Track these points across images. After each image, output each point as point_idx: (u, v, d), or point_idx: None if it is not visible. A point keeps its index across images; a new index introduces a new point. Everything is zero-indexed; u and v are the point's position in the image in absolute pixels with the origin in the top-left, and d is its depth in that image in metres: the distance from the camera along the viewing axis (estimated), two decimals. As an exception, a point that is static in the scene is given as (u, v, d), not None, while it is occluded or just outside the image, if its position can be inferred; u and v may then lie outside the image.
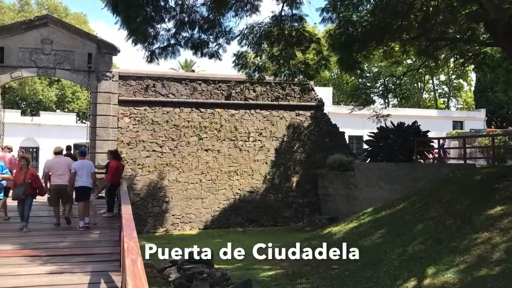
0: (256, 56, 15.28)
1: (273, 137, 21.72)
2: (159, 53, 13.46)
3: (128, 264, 3.50)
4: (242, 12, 13.62)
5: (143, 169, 19.81)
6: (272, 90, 22.00)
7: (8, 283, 6.38)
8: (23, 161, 10.25)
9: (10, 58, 18.20)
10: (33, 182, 10.06)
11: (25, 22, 19.17)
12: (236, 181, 20.93)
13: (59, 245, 9.03)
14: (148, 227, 19.24)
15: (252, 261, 13.95)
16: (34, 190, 10.22)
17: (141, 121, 20.04)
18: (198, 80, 21.41)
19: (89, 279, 6.56)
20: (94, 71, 18.99)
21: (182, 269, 11.26)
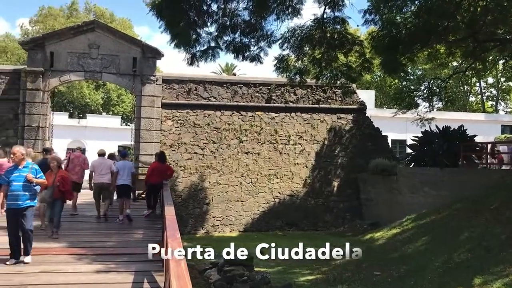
0: (297, 59, 15.24)
1: (313, 141, 21.56)
2: (200, 56, 13.67)
3: (172, 265, 3.55)
4: (283, 16, 13.65)
5: (185, 171, 20.11)
6: (313, 93, 21.86)
7: (57, 280, 6.63)
8: (54, 162, 9.84)
9: (59, 62, 18.91)
10: (60, 185, 9.58)
11: (73, 28, 19.88)
12: (276, 184, 20.91)
13: (104, 244, 9.31)
14: (189, 228, 19.48)
15: (292, 265, 13.91)
16: (63, 193, 9.76)
17: (183, 123, 20.37)
18: (239, 84, 21.55)
19: (133, 279, 6.72)
20: (139, 75, 19.46)
21: (222, 271, 11.32)
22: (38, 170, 7.92)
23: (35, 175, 7.75)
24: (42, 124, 18.53)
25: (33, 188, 7.71)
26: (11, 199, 7.58)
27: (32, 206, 7.75)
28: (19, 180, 7.57)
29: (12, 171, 7.75)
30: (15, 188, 7.57)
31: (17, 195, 7.53)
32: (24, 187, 7.57)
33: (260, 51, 14.29)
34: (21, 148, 8.00)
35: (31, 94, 18.45)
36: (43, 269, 7.13)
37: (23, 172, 7.63)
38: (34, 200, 7.81)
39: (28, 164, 7.83)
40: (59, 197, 9.62)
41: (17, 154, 7.73)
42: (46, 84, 18.65)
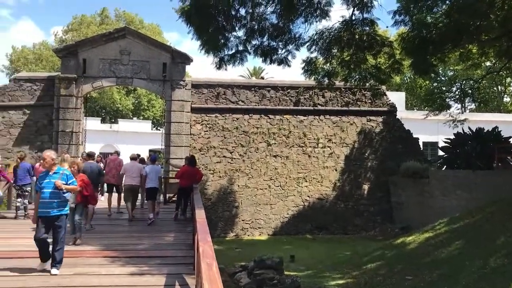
0: (326, 62, 15.15)
1: (343, 144, 21.38)
2: (228, 60, 13.75)
3: (204, 268, 3.58)
4: (311, 18, 13.60)
5: (214, 175, 20.26)
6: (342, 95, 21.70)
7: (91, 282, 6.77)
8: (75, 166, 9.44)
9: (91, 69, 19.39)
10: (83, 190, 9.27)
11: (105, 35, 20.35)
12: (305, 187, 20.82)
13: (136, 247, 9.45)
14: (219, 231, 19.61)
15: (323, 269, 13.82)
16: (85, 198, 9.50)
17: (212, 127, 20.54)
18: (267, 87, 21.59)
19: (165, 281, 6.80)
20: (169, 80, 19.74)
21: (252, 275, 11.35)
22: (69, 175, 7.51)
23: (66, 181, 7.35)
24: (76, 129, 19.00)
25: (63, 195, 7.29)
26: (42, 207, 7.19)
27: (64, 215, 7.36)
28: (49, 187, 7.19)
29: (43, 177, 7.36)
30: (45, 195, 7.18)
31: (47, 202, 7.16)
32: (53, 194, 7.18)
33: (288, 54, 14.27)
34: (51, 152, 7.54)
35: (65, 100, 18.96)
36: (77, 271, 7.29)
37: (53, 178, 7.24)
38: (64, 208, 7.38)
39: (58, 170, 7.41)
40: (81, 201, 9.43)
41: (47, 159, 7.32)
42: (79, 90, 19.13)
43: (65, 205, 7.43)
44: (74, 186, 7.70)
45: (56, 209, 7.19)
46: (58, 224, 7.21)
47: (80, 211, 9.47)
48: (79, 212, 9.41)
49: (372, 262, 13.31)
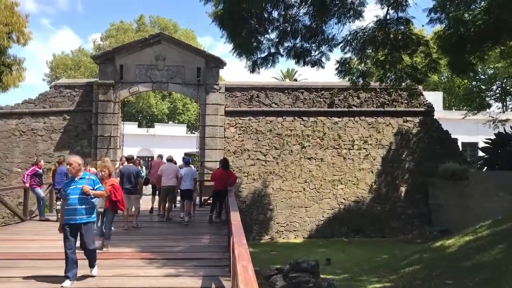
0: (360, 62, 14.95)
1: (379, 145, 21.04)
2: (261, 63, 13.75)
3: (240, 270, 3.59)
4: (345, 19, 13.43)
5: (248, 177, 20.31)
6: (377, 96, 21.36)
7: (130, 283, 6.90)
8: (105, 170, 9.32)
9: (128, 74, 19.82)
10: (112, 195, 9.01)
11: (141, 41, 20.77)
12: (341, 190, 20.59)
13: (173, 249, 9.58)
14: (254, 234, 19.63)
15: (359, 273, 13.61)
16: (114, 203, 9.21)
17: (246, 130, 20.62)
18: (300, 89, 21.51)
19: (201, 283, 6.85)
20: (203, 84, 19.96)
21: (288, 277, 11.28)
22: (96, 181, 7.26)
23: (93, 186, 7.07)
24: (114, 134, 19.46)
25: (91, 201, 7.04)
26: (68, 214, 6.90)
27: (91, 222, 7.13)
28: (75, 193, 6.91)
29: (69, 183, 7.08)
30: (71, 201, 6.89)
31: (73, 209, 6.87)
32: (80, 200, 6.91)
33: (321, 56, 14.15)
34: (77, 158, 7.24)
35: (103, 106, 19.45)
36: (116, 273, 7.44)
37: (79, 184, 6.96)
38: (92, 215, 7.13)
39: (84, 175, 7.15)
40: (110, 207, 9.18)
41: (73, 164, 7.02)
42: (117, 95, 19.59)
43: (93, 212, 7.17)
44: (102, 191, 7.42)
45: (83, 216, 6.94)
46: (85, 231, 6.98)
47: (110, 216, 9.31)
48: (108, 218, 9.28)
49: (410, 266, 13.01)
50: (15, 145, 19.85)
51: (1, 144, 19.81)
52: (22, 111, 20.03)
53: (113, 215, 9.47)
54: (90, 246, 7.04)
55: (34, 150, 19.69)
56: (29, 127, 19.94)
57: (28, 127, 19.95)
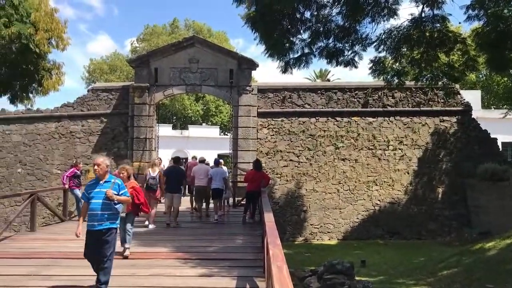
0: (394, 61, 14.69)
1: (415, 145, 20.61)
2: (293, 64, 13.71)
3: (275, 271, 3.58)
4: (379, 18, 13.24)
5: (281, 178, 20.28)
6: (413, 95, 20.94)
7: (166, 283, 7.00)
8: (124, 172, 8.68)
9: (163, 77, 20.15)
10: (135, 198, 8.61)
11: (174, 44, 21.10)
12: (376, 191, 20.28)
13: (206, 249, 9.66)
14: (288, 235, 19.58)
15: (395, 275, 13.37)
16: (137, 207, 8.84)
17: (278, 131, 20.60)
18: (333, 89, 21.32)
19: (235, 283, 6.88)
20: (235, 86, 20.08)
21: (322, 279, 11.18)
22: (121, 185, 6.74)
23: (118, 191, 6.57)
24: (149, 136, 19.82)
25: (114, 207, 6.49)
26: (90, 220, 6.43)
27: (113, 228, 6.51)
28: (99, 197, 6.41)
29: (93, 186, 6.56)
30: (93, 206, 6.41)
31: (95, 214, 6.37)
32: (104, 205, 6.39)
33: (354, 55, 13.98)
34: (105, 158, 6.75)
35: (139, 108, 19.84)
36: (153, 272, 7.57)
37: (104, 187, 6.46)
38: (115, 222, 6.56)
39: (110, 179, 6.64)
40: (133, 210, 8.76)
41: (101, 165, 6.53)
42: (152, 98, 19.95)
43: (116, 218, 6.63)
44: (127, 197, 6.90)
45: (106, 222, 6.39)
46: (106, 239, 6.36)
47: (131, 220, 8.89)
48: (130, 222, 8.84)
49: (448, 269, 12.70)
50: (55, 147, 20.50)
51: (41, 147, 20.50)
52: (61, 115, 20.67)
53: (134, 218, 9.10)
54: (108, 254, 6.36)
55: (73, 152, 20.28)
56: (68, 130, 20.56)
57: (67, 130, 20.57)
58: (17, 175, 20.08)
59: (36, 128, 20.63)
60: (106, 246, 6.35)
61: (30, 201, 12.53)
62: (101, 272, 6.31)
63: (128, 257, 8.48)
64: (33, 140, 20.58)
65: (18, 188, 19.75)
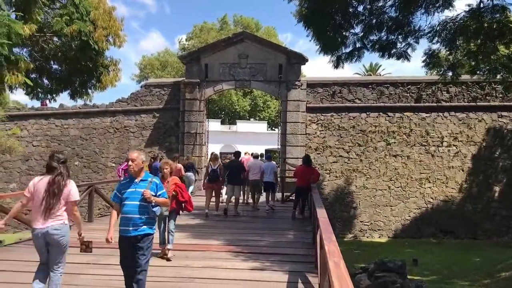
0: (449, 54, 14.17)
1: (470, 142, 19.84)
2: (345, 58, 13.53)
3: (332, 266, 3.58)
4: (433, 9, 12.83)
5: (330, 174, 20.10)
6: (469, 90, 20.13)
7: (219, 275, 7.12)
8: (167, 167, 8.01)
9: (213, 73, 20.42)
10: (178, 195, 8.10)
11: (224, 40, 21.31)
12: (428, 189, 19.70)
13: (258, 243, 9.73)
14: (337, 232, 19.27)
15: (449, 275, 12.98)
16: (180, 204, 8.24)
17: (327, 127, 20.39)
18: (385, 84, 20.84)
19: (287, 278, 6.90)
20: (284, 81, 20.04)
21: (373, 277, 11.03)
22: (159, 185, 5.73)
23: (155, 191, 5.60)
24: (199, 131, 20.17)
25: (152, 210, 5.55)
26: (123, 224, 5.49)
27: (150, 234, 5.58)
28: (134, 199, 5.47)
29: (126, 185, 5.61)
30: (128, 209, 5.47)
31: (129, 218, 5.43)
32: (140, 208, 5.46)
33: (407, 47, 13.62)
34: (140, 153, 5.70)
35: (189, 104, 20.22)
36: (206, 264, 7.71)
37: (140, 187, 5.51)
38: (152, 227, 5.63)
39: (146, 177, 5.67)
40: (176, 208, 8.20)
41: (136, 160, 5.54)
42: (202, 93, 20.27)
43: (153, 223, 5.72)
44: (165, 198, 5.86)
45: (142, 227, 5.47)
46: (141, 246, 5.45)
47: (174, 219, 8.28)
48: (172, 220, 8.23)
49: (507, 271, 12.21)
50: (110, 141, 21.28)
51: (97, 141, 21.33)
52: (116, 110, 21.42)
53: (176, 217, 8.42)
54: (143, 264, 5.48)
55: (127, 146, 20.97)
56: (122, 125, 21.28)
57: (121, 124, 21.29)
58: (74, 168, 20.98)
59: (92, 122, 21.49)
60: (141, 255, 5.46)
61: (88, 193, 13.07)
62: (135, 285, 5.45)
63: (171, 259, 7.98)
64: (89, 134, 21.44)
65: (75, 180, 20.45)
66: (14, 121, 21.59)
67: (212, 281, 6.81)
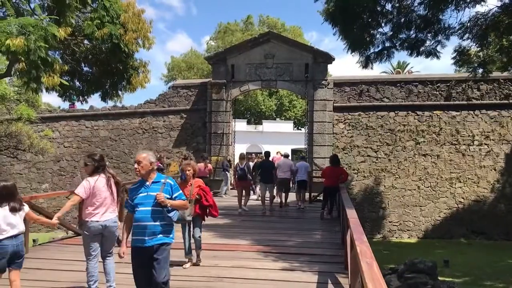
0: (480, 50, 13.86)
1: (502, 140, 19.32)
2: (374, 58, 13.39)
3: (365, 267, 3.57)
4: (463, 5, 12.57)
5: (358, 174, 19.91)
6: (501, 87, 19.61)
7: (248, 275, 7.15)
8: (189, 169, 7.43)
9: (239, 73, 20.50)
10: (202, 198, 7.43)
11: (250, 40, 21.37)
12: (459, 188, 19.29)
13: (285, 243, 9.73)
14: (365, 232, 19.03)
15: (482, 277, 12.71)
16: (204, 209, 7.53)
17: (355, 126, 20.20)
18: (413, 82, 20.49)
19: (317, 279, 6.89)
20: (311, 80, 19.95)
21: (403, 278, 10.88)
22: (174, 186, 5.10)
23: (170, 194, 5.01)
24: (226, 131, 20.29)
25: (167, 216, 4.92)
26: (136, 233, 4.88)
27: (168, 244, 4.96)
28: (147, 204, 4.88)
29: (137, 189, 5.01)
30: (140, 216, 4.87)
31: (143, 226, 4.82)
32: (154, 214, 4.86)
33: (437, 45, 13.38)
34: (148, 153, 5.04)
35: (216, 104, 20.36)
36: (234, 264, 7.76)
37: (152, 190, 4.92)
38: (169, 235, 4.99)
39: (159, 178, 5.07)
40: (200, 213, 7.51)
41: (143, 162, 4.92)
42: (228, 94, 20.38)
43: (170, 231, 5.02)
44: (183, 200, 5.20)
45: (158, 235, 4.86)
46: (158, 258, 4.82)
47: (199, 225, 7.67)
48: (198, 227, 7.64)
49: (543, 273, 11.85)
50: (138, 142, 21.63)
51: (126, 141, 21.71)
52: (145, 111, 21.75)
53: (202, 222, 7.76)
54: (161, 279, 4.81)
55: (155, 146, 21.26)
56: (151, 125, 21.59)
57: (150, 125, 21.61)
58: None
59: (121, 123, 21.88)
60: (160, 268, 4.81)
61: (119, 193, 13.32)
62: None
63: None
64: (119, 135, 21.84)
65: (106, 181, 21.01)
66: (46, 123, 22.17)
67: (241, 280, 6.84)
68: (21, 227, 5.39)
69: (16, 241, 5.29)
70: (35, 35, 10.63)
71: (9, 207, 5.28)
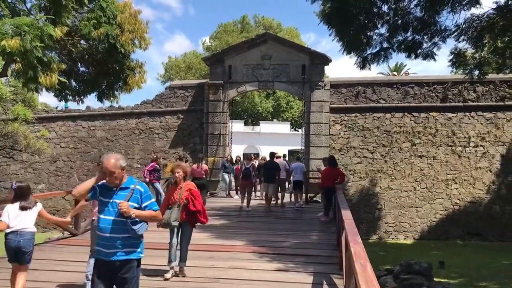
0: (476, 51, 13.93)
1: (498, 142, 19.40)
2: (371, 59, 13.41)
3: (358, 269, 3.58)
4: (459, 7, 12.63)
5: (355, 175, 19.95)
6: (497, 89, 19.69)
7: (243, 275, 7.17)
8: (179, 171, 7.03)
9: (236, 74, 20.51)
10: (190, 203, 6.93)
11: (247, 41, 21.39)
12: (455, 190, 19.36)
13: (281, 244, 9.76)
14: (361, 233, 19.08)
15: (477, 278, 12.76)
16: (193, 215, 6.99)
17: (351, 127, 20.24)
18: (410, 84, 20.55)
19: (312, 279, 6.91)
20: (308, 81, 19.98)
21: (398, 279, 10.91)
22: (145, 194, 4.35)
23: (139, 202, 4.29)
24: (223, 132, 20.29)
25: (132, 229, 4.18)
26: (98, 244, 4.25)
27: (133, 261, 4.25)
28: (110, 212, 4.21)
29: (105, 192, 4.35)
30: (102, 226, 4.21)
31: (104, 238, 4.18)
32: (116, 225, 4.17)
33: (433, 47, 13.43)
34: (116, 156, 4.33)
35: (213, 105, 20.37)
36: (230, 265, 7.77)
37: (118, 198, 4.23)
38: (136, 250, 4.29)
39: (129, 183, 4.35)
40: (188, 219, 6.98)
41: (108, 166, 4.24)
42: (226, 95, 20.39)
43: (138, 245, 4.33)
44: (153, 212, 4.39)
45: (121, 250, 4.18)
46: (125, 277, 4.19)
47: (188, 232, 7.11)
48: (187, 235, 7.09)
49: (538, 274, 11.90)
50: (135, 142, 21.61)
51: (123, 142, 21.68)
52: (141, 111, 21.74)
53: (191, 230, 7.18)
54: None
55: (152, 147, 21.25)
56: (147, 126, 21.58)
57: (146, 125, 21.59)
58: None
59: (118, 124, 21.86)
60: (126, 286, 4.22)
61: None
62: None
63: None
64: (115, 136, 21.81)
65: (102, 181, 20.99)
66: (43, 123, 22.13)
67: (237, 281, 6.86)
68: (27, 224, 5.77)
69: (20, 237, 5.65)
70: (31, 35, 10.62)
71: (20, 205, 5.78)
